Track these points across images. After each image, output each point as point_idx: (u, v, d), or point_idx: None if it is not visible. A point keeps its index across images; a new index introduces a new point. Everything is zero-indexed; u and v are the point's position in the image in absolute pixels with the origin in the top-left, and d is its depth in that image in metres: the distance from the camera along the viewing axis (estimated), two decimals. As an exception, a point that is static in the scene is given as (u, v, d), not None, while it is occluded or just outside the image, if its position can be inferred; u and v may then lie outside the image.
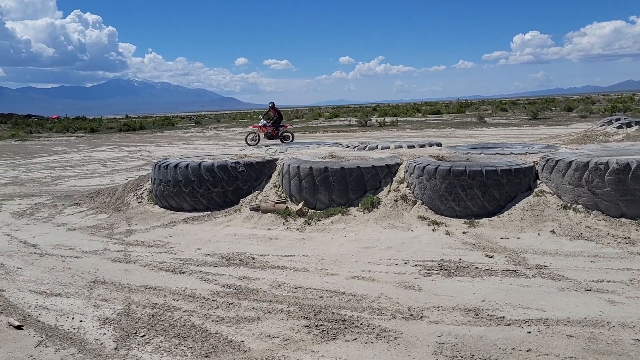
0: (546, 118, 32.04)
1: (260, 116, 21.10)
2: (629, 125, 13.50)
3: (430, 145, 8.91)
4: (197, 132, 34.92)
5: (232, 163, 7.55)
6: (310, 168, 6.95)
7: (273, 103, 20.00)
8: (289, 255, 5.32)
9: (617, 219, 5.57)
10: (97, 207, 8.23)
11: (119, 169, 14.43)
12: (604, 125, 14.64)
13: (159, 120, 53.99)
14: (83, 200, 8.80)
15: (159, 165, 7.84)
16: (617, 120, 14.57)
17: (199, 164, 7.51)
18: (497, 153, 7.57)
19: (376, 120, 33.96)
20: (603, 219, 5.58)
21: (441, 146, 9.04)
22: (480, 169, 6.17)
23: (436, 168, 6.36)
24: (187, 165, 7.53)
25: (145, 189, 8.43)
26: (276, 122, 19.45)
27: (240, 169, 7.52)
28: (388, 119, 35.96)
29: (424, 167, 6.50)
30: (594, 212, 5.71)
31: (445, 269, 4.62)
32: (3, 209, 8.64)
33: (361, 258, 5.10)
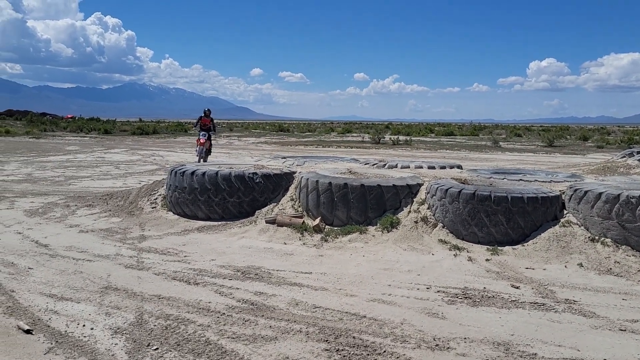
0: (562, 146, 31.77)
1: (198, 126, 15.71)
2: (650, 158, 13.23)
3: (451, 167, 8.75)
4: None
5: (249, 173, 7.43)
6: (330, 183, 6.81)
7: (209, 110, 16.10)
8: (306, 272, 5.16)
9: (648, 256, 5.38)
10: (110, 210, 8.12)
11: (132, 172, 14.37)
12: (624, 157, 14.38)
13: (172, 126, 54.21)
14: (96, 202, 8.69)
15: (175, 172, 7.73)
16: (638, 152, 14.32)
17: (216, 173, 7.39)
18: (520, 179, 7.39)
19: (390, 138, 33.84)
20: (633, 255, 5.38)
21: (462, 169, 8.87)
22: (505, 195, 6.00)
23: (459, 191, 6.20)
24: (204, 173, 7.41)
25: (160, 195, 8.31)
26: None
27: (258, 180, 7.39)
28: (401, 137, 35.80)
29: (446, 190, 6.34)
30: (623, 246, 5.51)
31: (470, 298, 4.44)
32: (16, 206, 8.56)
33: (381, 280, 4.93)
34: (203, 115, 15.86)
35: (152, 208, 8.00)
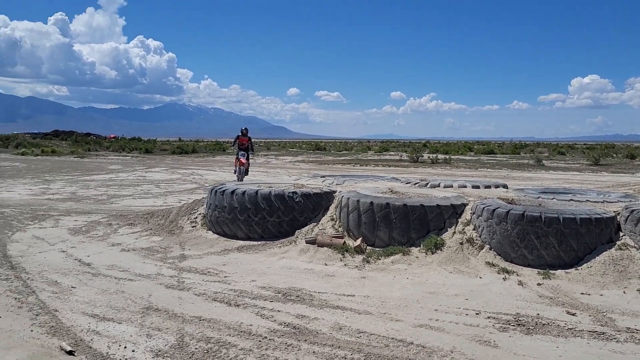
0: (609, 165, 30.74)
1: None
2: None
3: (496, 186, 8.48)
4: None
5: (289, 192, 7.35)
6: (371, 203, 6.66)
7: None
8: (348, 295, 5.01)
9: None
10: (151, 229, 8.16)
11: (172, 191, 14.52)
12: (677, 175, 13.75)
13: (211, 145, 55.06)
14: (137, 221, 8.76)
15: (215, 191, 7.72)
16: (692, 171, 13.66)
17: (256, 192, 7.34)
18: (571, 200, 7.08)
19: (428, 157, 33.45)
20: (698, 281, 5.03)
21: (507, 188, 8.59)
22: (557, 215, 5.74)
23: (507, 212, 5.96)
24: (243, 192, 7.38)
25: (200, 214, 8.32)
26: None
27: (298, 199, 7.30)
28: (440, 156, 35.34)
29: (493, 210, 6.10)
30: (687, 271, 5.17)
31: (523, 325, 4.20)
32: (60, 224, 8.70)
33: (427, 304, 4.73)
34: (240, 134, 15.69)
35: (192, 227, 8.00)
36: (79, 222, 8.87)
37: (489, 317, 4.39)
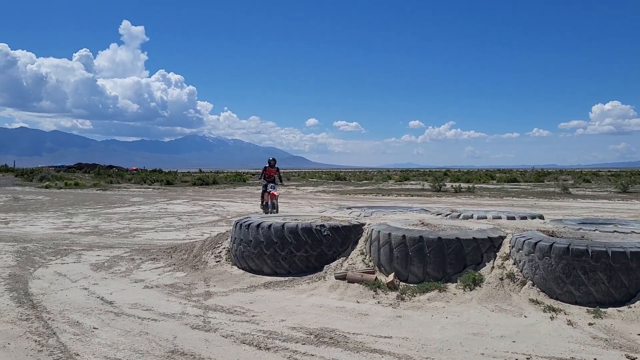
0: (638, 192, 29.95)
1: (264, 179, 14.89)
2: None
3: (532, 217, 8.11)
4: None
5: (317, 226, 7.09)
6: (403, 236, 6.36)
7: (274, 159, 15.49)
8: (385, 337, 4.68)
9: None
10: (174, 264, 7.94)
11: (194, 223, 14.35)
12: None
13: (231, 176, 55.23)
14: (160, 256, 8.56)
15: (240, 224, 7.50)
16: None
17: (282, 225, 7.10)
18: (615, 231, 6.70)
19: (451, 186, 32.99)
20: None
21: (543, 219, 8.22)
22: (605, 249, 5.37)
23: (551, 245, 5.61)
24: (269, 226, 7.13)
25: (224, 248, 8.08)
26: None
27: (325, 233, 7.03)
28: (463, 184, 34.84)
29: (535, 243, 5.76)
30: None
31: (581, 372, 3.84)
32: (82, 259, 8.53)
33: (472, 347, 4.39)
34: (268, 165, 14.89)
35: (217, 262, 7.76)
36: (102, 257, 8.69)
37: (541, 363, 4.03)
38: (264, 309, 5.63)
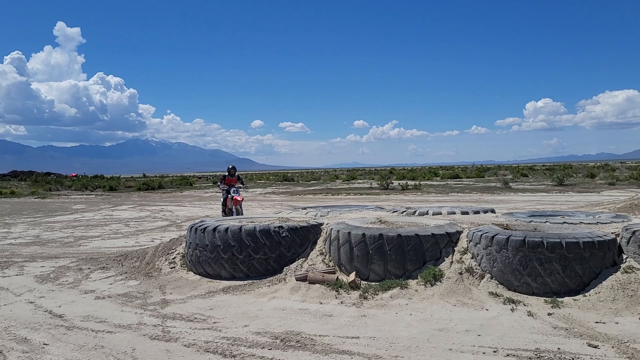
0: (573, 184, 31.32)
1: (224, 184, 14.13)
2: (679, 193, 12.78)
3: (485, 212, 8.28)
4: (217, 192, 34.59)
5: (275, 227, 6.97)
6: (363, 235, 6.34)
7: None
8: (352, 337, 4.63)
9: None
10: (126, 272, 7.62)
11: (143, 229, 13.89)
12: (649, 193, 13.93)
13: (177, 180, 54.05)
14: (110, 264, 8.21)
15: (196, 228, 7.28)
16: (663, 188, 13.86)
17: (240, 228, 6.94)
18: (564, 222, 6.92)
19: (399, 184, 33.47)
20: None
21: (495, 213, 8.41)
22: (559, 240, 5.52)
23: (507, 238, 5.72)
24: (226, 229, 6.96)
25: (178, 254, 7.84)
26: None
27: (284, 234, 6.93)
28: (410, 182, 35.43)
29: (492, 237, 5.86)
30: (699, 293, 5.00)
31: (548, 362, 3.90)
32: (25, 271, 8.06)
33: (439, 343, 4.40)
34: (227, 174, 14.06)
35: (171, 268, 7.51)
36: (46, 268, 8.24)
37: (508, 355, 4.08)
38: (225, 315, 5.47)
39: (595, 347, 4.18)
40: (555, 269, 5.50)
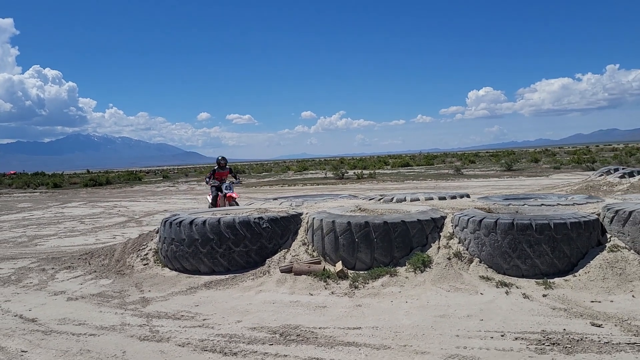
0: (521, 169, 32.31)
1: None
2: (631, 174, 13.33)
3: (461, 196, 8.31)
4: (170, 186, 33.72)
5: (255, 218, 6.74)
6: (349, 223, 6.21)
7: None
8: (354, 328, 4.49)
9: None
10: (95, 271, 7.21)
11: (101, 226, 13.29)
12: (602, 175, 14.48)
13: (124, 175, 52.40)
14: (76, 263, 7.75)
15: (170, 222, 6.95)
16: (615, 170, 14.43)
17: (219, 220, 6.66)
18: (542, 204, 7.00)
19: (354, 173, 33.59)
20: (698, 277, 5.00)
21: (470, 197, 8.45)
22: (547, 222, 5.56)
23: (496, 221, 5.72)
24: (204, 222, 6.67)
25: (150, 249, 7.48)
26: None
27: (265, 225, 6.70)
28: (365, 171, 35.62)
29: (480, 221, 5.85)
30: (684, 268, 5.13)
31: (558, 344, 3.88)
32: (-18, 274, 7.51)
33: (444, 330, 4.32)
34: (217, 167, 12.12)
35: (144, 265, 7.16)
36: (5, 270, 7.71)
37: (517, 339, 4.04)
38: (213, 311, 5.22)
39: (599, 326, 4.20)
40: (544, 250, 5.53)
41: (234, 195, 11.59)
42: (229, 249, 6.58)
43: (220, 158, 12.46)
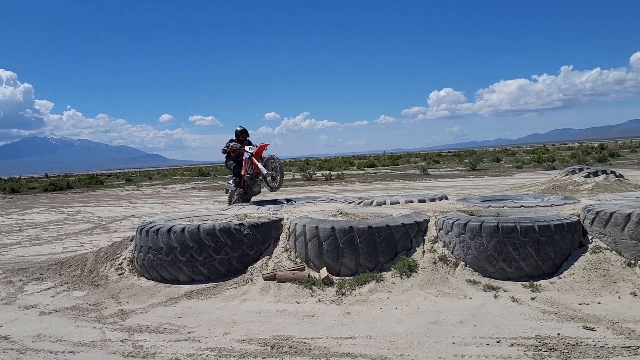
0: (485, 169, 32.86)
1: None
2: (595, 174, 13.66)
3: (440, 199, 8.32)
4: (134, 190, 32.95)
5: (235, 225, 6.57)
6: (332, 228, 6.11)
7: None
8: (347, 338, 4.39)
9: (692, 276, 5.12)
10: (67, 283, 6.90)
11: (66, 233, 12.81)
12: (567, 174, 14.80)
13: (85, 178, 51.00)
14: (45, 274, 7.41)
15: (147, 230, 6.71)
16: (580, 169, 14.78)
17: (198, 227, 6.47)
18: (521, 206, 7.06)
19: (322, 174, 33.54)
20: (679, 277, 5.10)
21: (448, 199, 8.48)
22: (531, 224, 5.59)
23: (481, 225, 5.72)
24: (183, 229, 6.47)
25: (125, 258, 7.22)
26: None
27: (246, 232, 6.55)
28: (332, 172, 35.61)
29: (465, 224, 5.84)
30: (666, 269, 5.23)
31: (555, 349, 3.88)
32: (-56, 289, 7.10)
33: (439, 338, 4.27)
34: (235, 138, 9.84)
35: (119, 275, 6.90)
36: (-32, 284, 7.31)
37: (513, 345, 4.02)
38: (198, 323, 5.04)
39: (592, 329, 4.23)
40: (529, 253, 5.56)
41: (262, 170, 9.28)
42: (210, 257, 6.40)
43: (239, 128, 10.07)
